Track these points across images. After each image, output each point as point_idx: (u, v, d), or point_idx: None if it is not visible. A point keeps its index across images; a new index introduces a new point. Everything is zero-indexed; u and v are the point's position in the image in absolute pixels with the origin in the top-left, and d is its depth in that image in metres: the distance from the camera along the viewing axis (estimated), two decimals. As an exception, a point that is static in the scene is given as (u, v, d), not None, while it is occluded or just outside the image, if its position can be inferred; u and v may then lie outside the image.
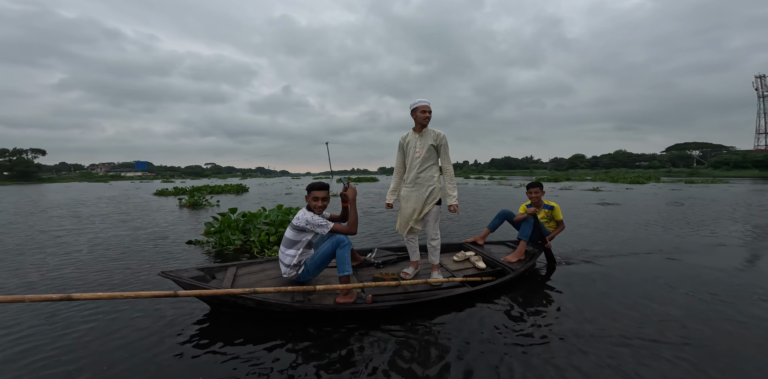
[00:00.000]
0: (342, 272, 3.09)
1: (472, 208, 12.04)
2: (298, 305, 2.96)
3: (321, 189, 3.21)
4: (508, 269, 4.01)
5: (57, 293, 2.32)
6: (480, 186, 28.53)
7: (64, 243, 6.65)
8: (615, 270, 4.55)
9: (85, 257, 5.53)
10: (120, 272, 4.63)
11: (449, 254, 4.53)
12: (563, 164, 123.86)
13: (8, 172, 62.40)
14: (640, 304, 3.46)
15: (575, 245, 5.94)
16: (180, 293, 2.49)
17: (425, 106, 3.53)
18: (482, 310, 3.37)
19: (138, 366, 2.45)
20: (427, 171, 3.59)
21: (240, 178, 73.74)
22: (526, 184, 4.87)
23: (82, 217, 10.64)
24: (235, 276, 3.42)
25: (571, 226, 7.98)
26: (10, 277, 4.50)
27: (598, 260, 5.02)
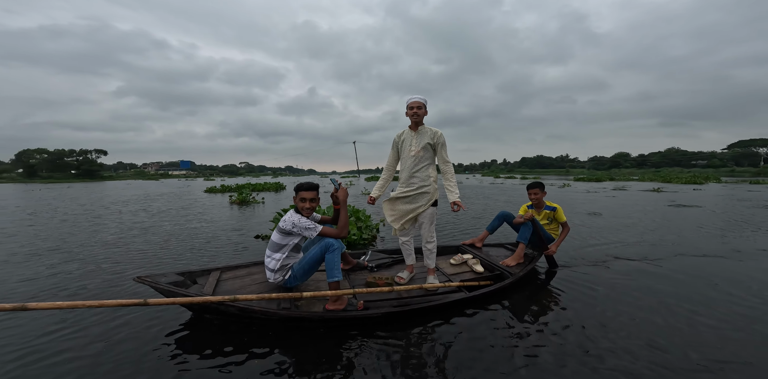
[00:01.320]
0: (331, 277, 2.65)
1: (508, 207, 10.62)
2: (284, 313, 2.52)
3: (309, 189, 2.79)
4: (507, 273, 3.58)
5: (10, 303, 1.91)
6: (516, 185, 26.40)
7: (157, 233, 6.91)
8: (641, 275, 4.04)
9: (179, 245, 5.75)
10: (212, 256, 4.86)
11: (446, 257, 4.08)
12: (604, 163, 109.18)
13: (76, 171, 65.08)
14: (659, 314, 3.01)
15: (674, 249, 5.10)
16: (151, 302, 2.06)
17: (414, 102, 3.13)
18: (480, 317, 2.95)
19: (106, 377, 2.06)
20: (423, 171, 3.17)
21: (271, 177, 72.89)
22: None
23: (157, 211, 10.87)
24: (219, 281, 2.98)
25: (663, 233, 6.53)
26: (130, 262, 4.65)
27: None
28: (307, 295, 2.51)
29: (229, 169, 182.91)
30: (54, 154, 63.94)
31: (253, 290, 2.81)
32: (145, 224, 8.11)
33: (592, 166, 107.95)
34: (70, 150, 65.84)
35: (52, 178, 57.44)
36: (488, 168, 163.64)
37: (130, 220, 8.79)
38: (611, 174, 48.69)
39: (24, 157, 62.86)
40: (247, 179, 45.46)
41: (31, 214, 10.33)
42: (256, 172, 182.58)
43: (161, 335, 2.54)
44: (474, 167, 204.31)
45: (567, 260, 4.61)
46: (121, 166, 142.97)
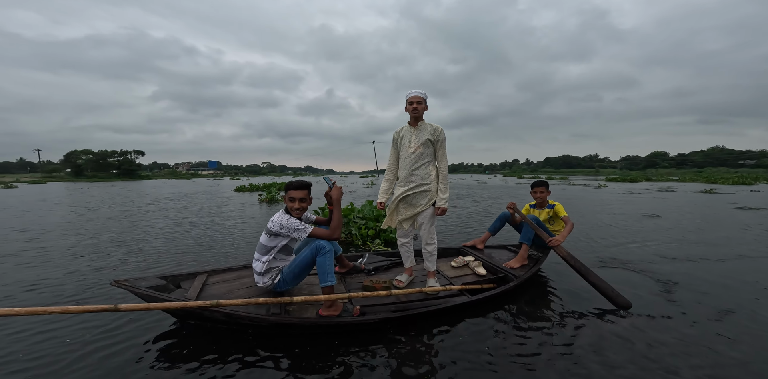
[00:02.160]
0: (324, 282, 2.44)
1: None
2: (273, 319, 2.32)
3: (298, 188, 2.54)
4: (511, 276, 3.30)
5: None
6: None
7: (206, 228, 7.06)
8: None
9: (227, 238, 5.97)
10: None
11: (447, 259, 3.82)
12: (638, 163, 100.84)
13: (117, 171, 67.33)
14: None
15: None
16: (122, 308, 1.85)
17: (414, 96, 2.87)
18: (483, 322, 2.71)
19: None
20: (423, 168, 2.92)
21: (293, 176, 73.11)
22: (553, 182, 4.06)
23: (197, 208, 10.92)
24: (204, 285, 2.75)
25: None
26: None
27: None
28: (297, 300, 2.31)
29: (252, 169, 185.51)
30: (98, 155, 66.09)
31: (240, 295, 2.60)
32: (190, 219, 8.30)
33: (625, 166, 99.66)
34: (112, 151, 68.05)
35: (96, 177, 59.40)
36: (509, 168, 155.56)
37: (174, 215, 9.01)
38: (647, 174, 44.77)
39: (72, 157, 65.17)
40: (270, 179, 45.69)
41: (91, 210, 10.63)
42: (278, 171, 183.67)
43: (139, 343, 2.32)
44: (494, 167, 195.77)
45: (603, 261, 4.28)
46: (155, 166, 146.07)
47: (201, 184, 32.04)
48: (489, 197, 14.76)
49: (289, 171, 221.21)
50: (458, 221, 7.94)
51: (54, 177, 57.40)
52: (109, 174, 64.69)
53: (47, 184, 33.63)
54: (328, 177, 2.86)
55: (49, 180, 47.46)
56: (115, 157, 67.86)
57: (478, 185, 26.37)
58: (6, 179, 46.01)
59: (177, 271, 2.88)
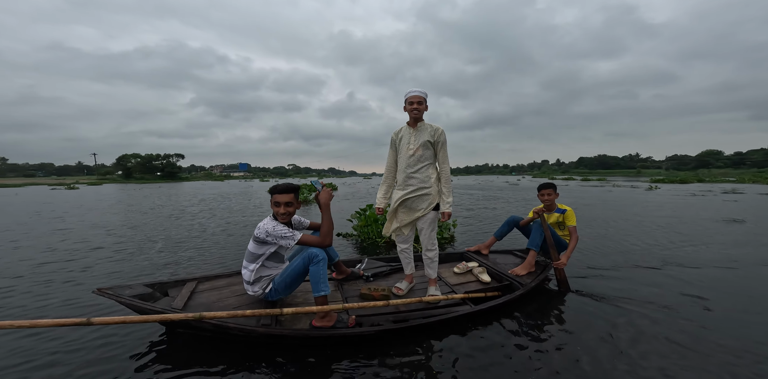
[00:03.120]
0: (317, 292, 2.22)
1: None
2: (262, 330, 2.12)
3: (283, 192, 2.29)
4: (517, 284, 3.00)
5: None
6: (585, 187, 22.89)
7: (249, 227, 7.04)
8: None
9: None
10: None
11: (449, 265, 3.51)
12: (687, 163, 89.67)
13: (160, 173, 69.60)
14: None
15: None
16: (95, 321, 1.67)
17: (414, 96, 2.61)
18: (486, 333, 2.44)
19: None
20: (422, 171, 2.65)
21: (317, 178, 73.02)
22: (539, 183, 3.69)
23: (239, 208, 10.99)
24: (193, 293, 2.53)
25: None
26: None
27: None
28: (288, 311, 2.10)
29: (279, 170, 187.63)
30: (145, 158, 68.67)
31: (230, 303, 2.40)
32: (235, 218, 8.35)
33: (672, 167, 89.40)
34: (156, 154, 70.53)
35: (143, 179, 61.74)
36: (538, 169, 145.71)
37: (223, 216, 9.02)
38: (699, 175, 39.29)
39: (122, 161, 68.00)
40: (296, 180, 45.82)
41: (152, 209, 10.95)
42: (303, 173, 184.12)
43: (123, 355, 2.11)
44: (521, 168, 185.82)
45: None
46: (193, 168, 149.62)
47: (236, 186, 32.28)
48: (522, 199, 13.79)
49: (314, 173, 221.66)
50: (491, 223, 7.33)
51: (107, 179, 60.03)
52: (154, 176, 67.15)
53: (102, 186, 35.02)
54: (316, 180, 2.62)
55: (103, 182, 49.59)
56: (159, 161, 70.36)
57: (509, 187, 25.17)
58: (67, 181, 48.54)
59: (165, 278, 2.68)
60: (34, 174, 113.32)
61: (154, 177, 66.22)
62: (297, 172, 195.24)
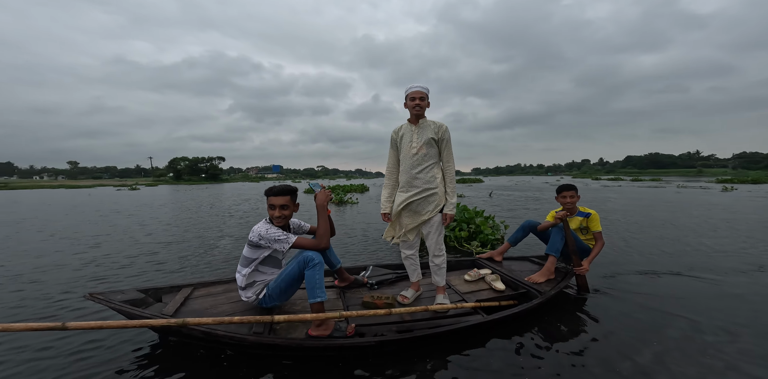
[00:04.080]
0: (313, 298, 1.98)
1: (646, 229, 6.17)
2: (253, 339, 1.89)
3: (278, 194, 2.08)
4: (534, 292, 2.64)
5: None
6: (642, 188, 20.20)
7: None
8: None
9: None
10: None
11: (460, 272, 3.15)
12: (758, 160, 77.13)
13: (204, 175, 71.98)
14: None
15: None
16: (70, 326, 1.50)
17: (415, 91, 2.32)
18: (499, 346, 2.13)
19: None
20: (427, 171, 2.35)
21: (345, 179, 72.73)
22: (557, 186, 3.27)
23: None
24: (187, 299, 2.32)
25: None
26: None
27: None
28: (279, 319, 1.86)
29: (308, 172, 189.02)
30: (192, 161, 71.70)
31: (224, 310, 2.19)
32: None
33: (741, 165, 77.01)
34: (201, 157, 73.36)
35: (190, 180, 64.57)
36: (578, 169, 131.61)
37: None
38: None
39: (173, 163, 71.30)
40: (326, 181, 46.06)
41: (210, 207, 11.45)
42: (331, 175, 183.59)
43: (107, 361, 1.93)
44: (558, 168, 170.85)
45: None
46: (231, 170, 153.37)
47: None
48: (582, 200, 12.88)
49: (341, 174, 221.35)
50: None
51: (161, 180, 63.29)
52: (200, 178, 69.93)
53: (158, 187, 36.88)
54: (315, 182, 2.36)
55: (158, 183, 52.34)
56: (203, 163, 73.09)
57: (548, 187, 23.59)
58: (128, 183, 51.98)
59: (160, 284, 2.50)
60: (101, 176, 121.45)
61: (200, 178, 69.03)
62: (326, 173, 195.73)
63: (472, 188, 22.98)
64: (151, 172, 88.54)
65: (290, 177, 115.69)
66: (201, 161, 72.65)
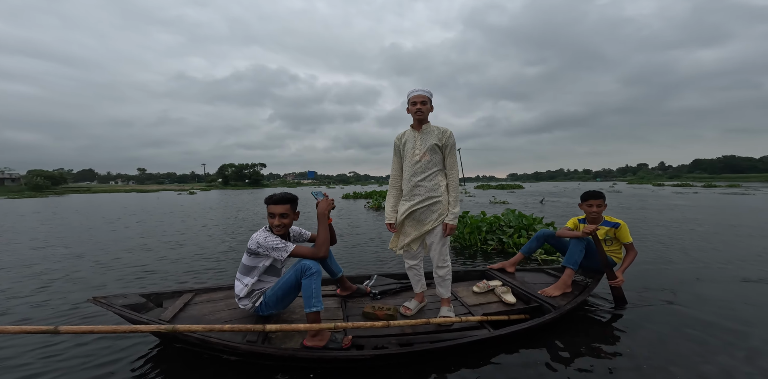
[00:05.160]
0: (309, 307, 1.83)
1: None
2: (246, 347, 1.76)
3: (278, 202, 1.96)
4: (548, 307, 2.34)
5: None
6: (728, 195, 17.34)
7: (362, 233, 6.38)
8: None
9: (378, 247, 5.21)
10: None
11: (468, 283, 2.86)
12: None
13: (248, 180, 74.73)
14: None
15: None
16: (63, 329, 1.44)
17: (417, 95, 2.12)
18: (507, 363, 1.89)
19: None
20: (431, 179, 2.14)
21: (377, 185, 71.93)
22: (582, 194, 2.85)
23: (335, 216, 10.27)
24: (187, 304, 2.21)
25: None
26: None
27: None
28: (271, 328, 1.72)
29: (341, 178, 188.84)
30: (237, 168, 74.97)
31: (222, 317, 2.07)
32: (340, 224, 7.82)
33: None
34: (245, 164, 76.49)
35: (236, 185, 67.49)
36: (633, 173, 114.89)
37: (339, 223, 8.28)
38: None
39: (222, 170, 74.84)
40: (358, 187, 45.61)
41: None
42: (363, 181, 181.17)
43: (110, 363, 1.85)
44: (609, 173, 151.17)
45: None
46: (271, 176, 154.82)
47: (306, 192, 32.46)
48: (641, 207, 11.17)
49: (372, 180, 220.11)
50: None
51: (212, 186, 66.68)
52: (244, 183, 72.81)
53: (210, 192, 38.76)
54: (318, 191, 2.20)
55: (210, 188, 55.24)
56: (247, 170, 75.97)
57: (607, 195, 20.26)
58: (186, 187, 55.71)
59: (162, 289, 2.39)
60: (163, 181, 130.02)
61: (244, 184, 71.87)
62: (357, 179, 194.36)
63: (514, 195, 20.68)
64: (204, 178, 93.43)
65: (324, 183, 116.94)
66: (245, 168, 75.73)
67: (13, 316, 2.59)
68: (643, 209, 10.80)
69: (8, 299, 2.97)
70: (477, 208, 11.09)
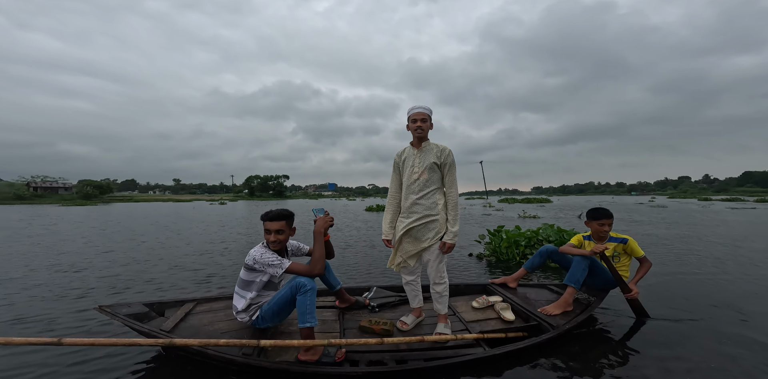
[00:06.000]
0: (303, 323, 1.80)
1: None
2: (241, 360, 1.74)
3: (273, 219, 1.92)
4: (546, 325, 2.20)
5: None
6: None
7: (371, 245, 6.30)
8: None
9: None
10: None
11: (468, 298, 2.73)
12: None
13: (272, 191, 75.61)
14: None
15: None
16: (65, 342, 1.45)
17: (417, 113, 2.08)
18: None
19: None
20: (429, 197, 2.08)
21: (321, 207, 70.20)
22: (587, 211, 2.72)
23: (357, 225, 10.17)
24: (188, 314, 2.17)
25: None
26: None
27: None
28: (265, 343, 1.69)
29: (360, 190, 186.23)
30: (263, 179, 76.27)
31: (220, 328, 2.05)
32: (357, 235, 7.79)
33: None
34: (269, 176, 77.46)
35: (261, 196, 68.60)
36: (673, 187, 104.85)
37: (350, 234, 8.14)
38: None
39: (248, 181, 76.41)
40: (378, 200, 44.83)
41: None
42: (382, 193, 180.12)
43: (113, 370, 1.83)
44: (645, 187, 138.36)
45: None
46: (293, 188, 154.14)
47: (334, 204, 30.96)
48: (692, 223, 10.08)
49: None
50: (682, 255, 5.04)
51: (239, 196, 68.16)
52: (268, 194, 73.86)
53: (238, 202, 39.38)
54: (320, 208, 2.17)
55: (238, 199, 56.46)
56: (272, 181, 77.06)
57: (647, 210, 17.92)
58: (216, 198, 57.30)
59: (165, 298, 2.38)
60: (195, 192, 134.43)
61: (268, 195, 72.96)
62: (377, 191, 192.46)
63: (544, 209, 19.11)
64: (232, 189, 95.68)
65: (344, 194, 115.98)
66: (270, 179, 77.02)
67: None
68: (691, 224, 9.65)
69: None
70: (508, 222, 10.52)
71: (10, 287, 3.54)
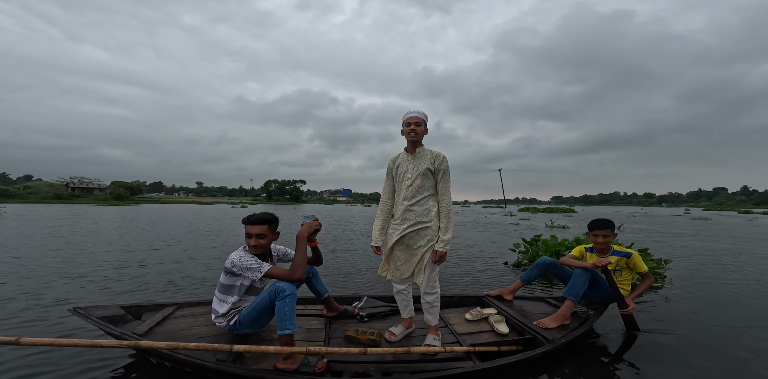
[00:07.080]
0: (281, 329, 1.63)
1: None
2: (213, 366, 1.57)
3: (255, 223, 1.78)
4: (541, 339, 1.98)
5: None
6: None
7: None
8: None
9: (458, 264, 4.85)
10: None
11: (462, 309, 2.50)
12: None
13: (289, 196, 75.25)
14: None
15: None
16: (24, 341, 1.31)
17: (411, 117, 1.93)
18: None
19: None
20: (422, 204, 1.91)
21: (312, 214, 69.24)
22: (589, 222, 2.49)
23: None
24: (166, 318, 2.00)
25: None
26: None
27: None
28: (239, 349, 1.52)
29: (374, 196, 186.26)
30: (281, 184, 76.72)
31: (198, 333, 1.89)
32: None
33: None
34: (287, 180, 77.72)
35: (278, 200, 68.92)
36: (708, 199, 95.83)
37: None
38: None
39: (267, 185, 77.03)
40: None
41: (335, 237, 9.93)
42: None
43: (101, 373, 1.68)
44: (677, 198, 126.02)
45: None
46: (309, 193, 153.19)
47: (350, 210, 30.19)
48: (742, 237, 8.91)
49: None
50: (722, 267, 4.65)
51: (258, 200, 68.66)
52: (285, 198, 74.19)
53: (257, 205, 39.08)
54: (311, 215, 1.99)
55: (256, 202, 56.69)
56: (289, 186, 77.41)
57: (683, 221, 16.79)
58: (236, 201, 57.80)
59: (143, 302, 2.22)
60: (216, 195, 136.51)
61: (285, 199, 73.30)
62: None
63: (572, 219, 17.81)
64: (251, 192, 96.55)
65: (358, 200, 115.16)
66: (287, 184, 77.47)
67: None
68: (740, 237, 8.78)
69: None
70: (536, 232, 9.73)
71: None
